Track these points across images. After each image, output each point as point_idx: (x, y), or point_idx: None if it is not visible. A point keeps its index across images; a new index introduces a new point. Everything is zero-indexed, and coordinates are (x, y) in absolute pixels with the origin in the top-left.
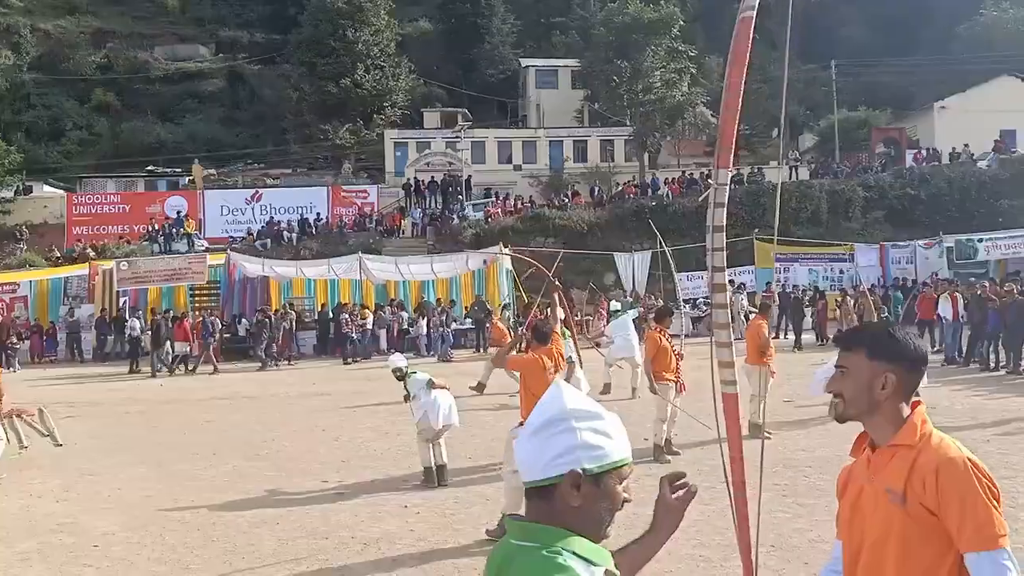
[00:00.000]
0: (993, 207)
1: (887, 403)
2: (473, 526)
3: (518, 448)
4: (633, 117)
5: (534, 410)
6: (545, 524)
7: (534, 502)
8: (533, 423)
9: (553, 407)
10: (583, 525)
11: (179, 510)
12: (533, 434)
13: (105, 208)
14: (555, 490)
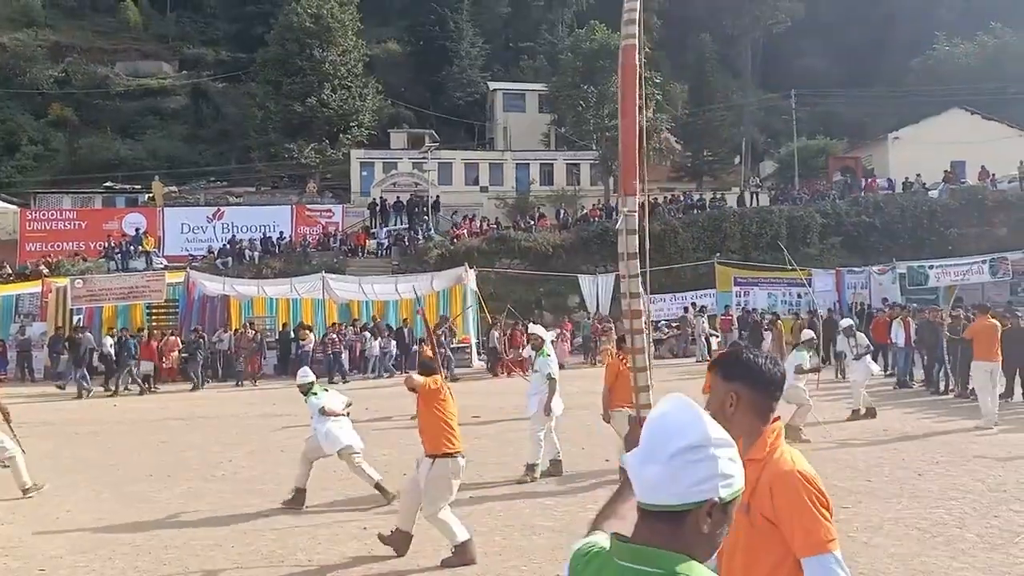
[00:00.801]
0: (943, 235)
1: (736, 419)
2: (434, 548)
3: (641, 469)
4: (599, 141)
5: (663, 432)
6: (663, 548)
7: (654, 524)
8: (669, 446)
9: (694, 433)
10: (701, 550)
11: (130, 533)
12: (671, 457)
13: (60, 224)
14: (687, 516)
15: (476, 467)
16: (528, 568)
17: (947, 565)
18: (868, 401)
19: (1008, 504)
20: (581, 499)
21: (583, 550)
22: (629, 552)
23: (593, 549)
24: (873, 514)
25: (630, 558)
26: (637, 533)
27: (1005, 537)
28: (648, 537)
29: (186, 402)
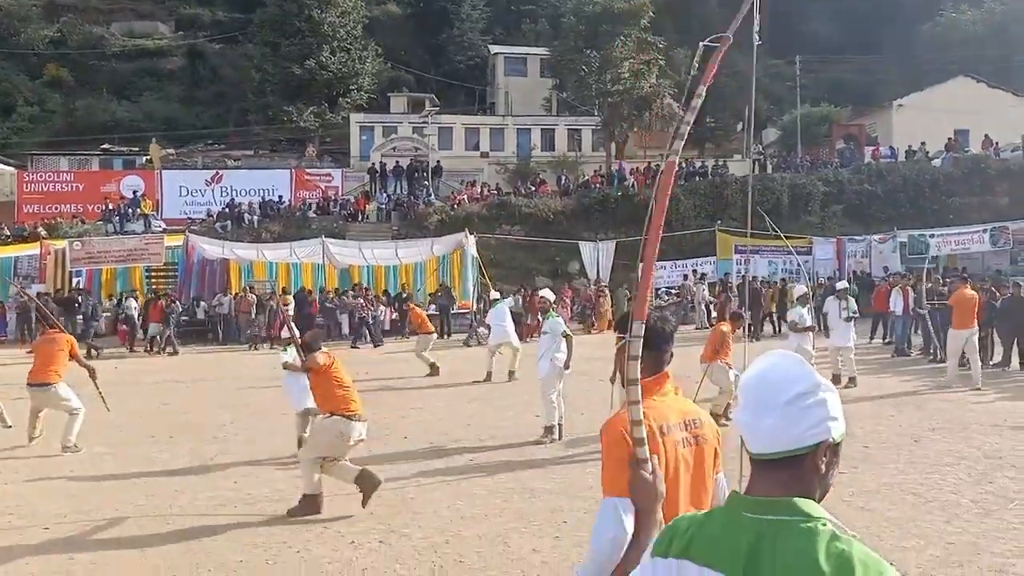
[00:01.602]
0: (945, 204)
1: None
2: (434, 510)
3: (756, 422)
4: (601, 107)
5: (773, 383)
6: (787, 495)
7: (774, 473)
8: (781, 395)
9: (804, 380)
10: (821, 491)
11: (134, 493)
12: (786, 405)
13: (58, 186)
14: (805, 460)
15: (476, 430)
16: (528, 530)
17: (941, 529)
18: (853, 371)
19: (1003, 471)
20: (580, 463)
21: (664, 535)
22: (756, 505)
23: (681, 524)
24: (870, 479)
25: (760, 510)
26: (756, 486)
27: (999, 503)
28: (770, 488)
29: (186, 365)
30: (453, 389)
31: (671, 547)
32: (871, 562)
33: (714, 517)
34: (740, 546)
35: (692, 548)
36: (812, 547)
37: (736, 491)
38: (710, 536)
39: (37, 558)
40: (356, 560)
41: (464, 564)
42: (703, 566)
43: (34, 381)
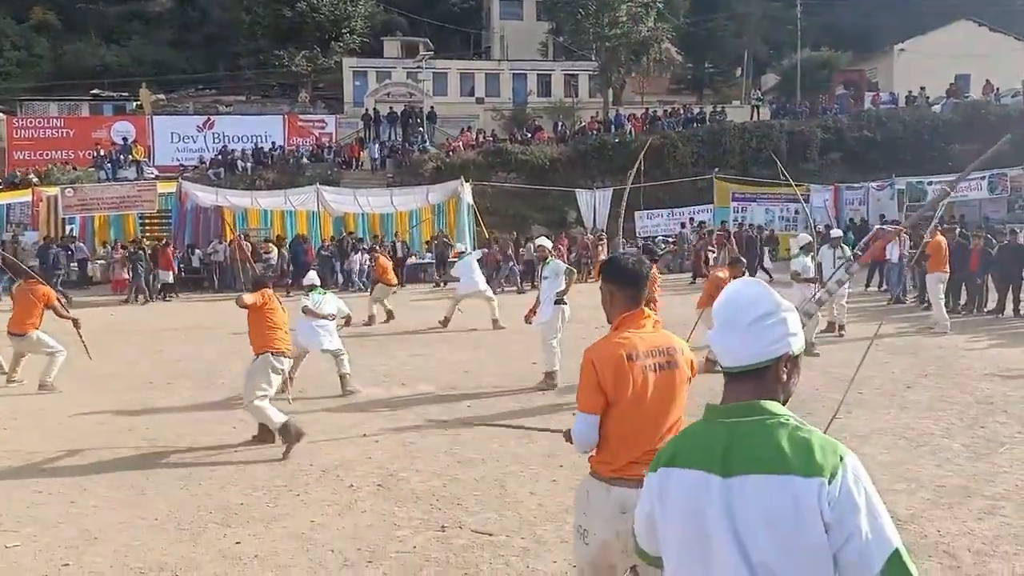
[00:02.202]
0: (944, 151)
1: (613, 309)
2: (432, 454)
3: (723, 339)
4: (598, 52)
5: (738, 305)
6: (756, 400)
7: (741, 384)
8: (746, 316)
9: (765, 303)
10: (782, 396)
11: (133, 437)
12: (749, 325)
13: (48, 132)
14: (768, 371)
15: (473, 378)
16: (525, 474)
17: (933, 473)
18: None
19: (994, 415)
20: (576, 409)
21: (661, 450)
22: (727, 411)
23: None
24: (862, 424)
25: (731, 415)
26: (728, 396)
27: (990, 447)
28: (739, 396)
29: (183, 313)
30: (452, 337)
31: (658, 461)
32: (828, 445)
33: (694, 428)
34: (716, 446)
35: (677, 457)
36: (777, 436)
37: (711, 403)
38: (691, 444)
39: (37, 502)
40: (355, 503)
41: (461, 507)
42: (685, 468)
43: (12, 330)
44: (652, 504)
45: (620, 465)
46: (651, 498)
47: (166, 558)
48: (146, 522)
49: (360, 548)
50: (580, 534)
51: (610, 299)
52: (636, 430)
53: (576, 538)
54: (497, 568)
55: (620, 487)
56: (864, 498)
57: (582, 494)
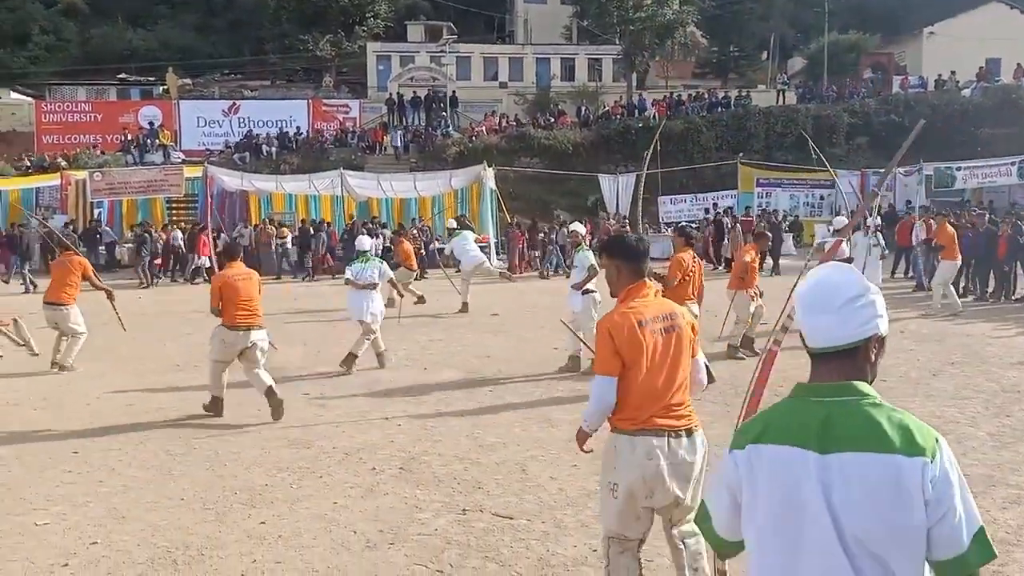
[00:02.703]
0: (974, 136)
1: (619, 283)
2: (454, 438)
3: (815, 320)
4: (622, 35)
5: (828, 289)
6: (846, 380)
7: (831, 364)
8: (836, 299)
9: (855, 286)
10: (870, 376)
11: (161, 419)
12: (840, 308)
13: (76, 116)
14: (858, 351)
15: (494, 362)
16: (546, 457)
17: (958, 462)
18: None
19: (1020, 404)
20: None
21: (739, 433)
22: (821, 390)
23: (753, 422)
24: None
25: (826, 393)
26: (817, 376)
27: (1016, 436)
28: (831, 375)
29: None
30: (474, 321)
31: (744, 438)
32: (925, 428)
33: (781, 407)
34: (812, 423)
35: (765, 434)
36: (876, 417)
37: (800, 382)
38: (781, 421)
39: (66, 481)
40: (377, 485)
41: (483, 490)
42: (778, 445)
43: (48, 300)
44: (739, 480)
45: (642, 419)
46: (736, 474)
47: (192, 537)
48: (172, 502)
49: (382, 530)
50: (610, 489)
51: (616, 274)
52: (652, 387)
53: (605, 496)
54: (517, 551)
55: (643, 436)
56: (957, 477)
57: (609, 451)
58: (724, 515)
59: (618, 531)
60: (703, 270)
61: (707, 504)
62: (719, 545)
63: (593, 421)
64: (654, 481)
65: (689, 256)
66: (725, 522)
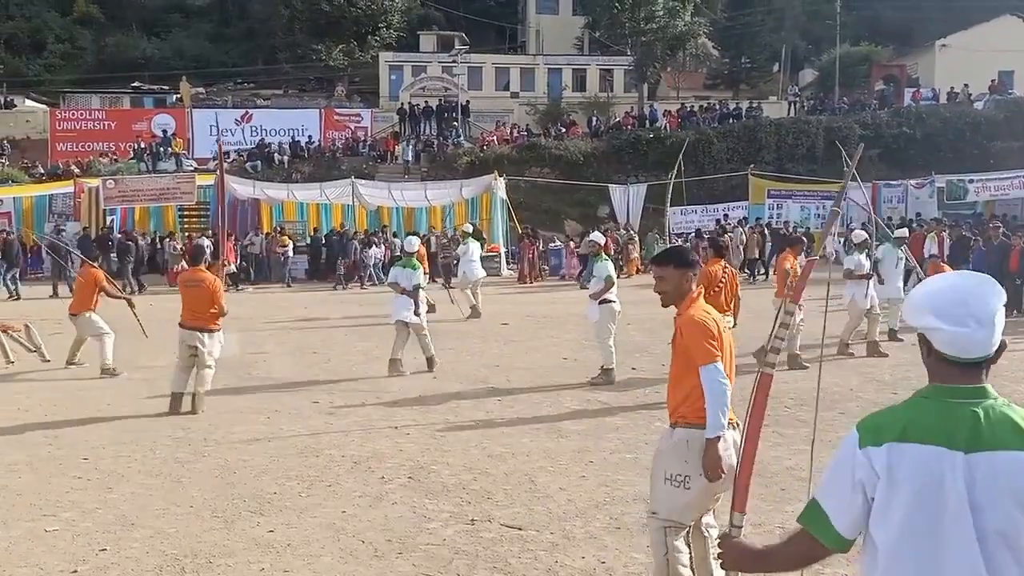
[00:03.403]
0: (986, 148)
1: (683, 289)
2: (463, 448)
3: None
4: (634, 46)
5: (983, 298)
6: (982, 385)
7: (974, 370)
8: (990, 309)
9: (1000, 295)
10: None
11: (170, 426)
12: (994, 317)
13: (90, 124)
14: (991, 358)
15: (504, 372)
16: (555, 469)
17: None
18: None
19: None
20: (606, 405)
21: (867, 430)
22: (965, 392)
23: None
24: None
25: (970, 395)
26: (953, 379)
27: None
28: (971, 380)
29: None
30: (484, 330)
31: (881, 436)
32: None
33: (918, 407)
34: (958, 424)
35: (908, 432)
36: (1014, 417)
37: (937, 385)
38: (924, 421)
39: (76, 488)
40: (386, 495)
41: (491, 500)
42: (922, 444)
43: (71, 311)
44: (874, 478)
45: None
46: (871, 472)
47: (200, 545)
48: (181, 509)
49: (390, 539)
50: (679, 482)
51: (681, 281)
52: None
53: (670, 488)
54: (526, 562)
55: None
56: None
57: (679, 445)
58: (850, 513)
59: (679, 519)
60: (737, 282)
61: (822, 503)
62: (838, 544)
63: (720, 415)
64: (731, 471)
65: (719, 267)
66: (849, 520)
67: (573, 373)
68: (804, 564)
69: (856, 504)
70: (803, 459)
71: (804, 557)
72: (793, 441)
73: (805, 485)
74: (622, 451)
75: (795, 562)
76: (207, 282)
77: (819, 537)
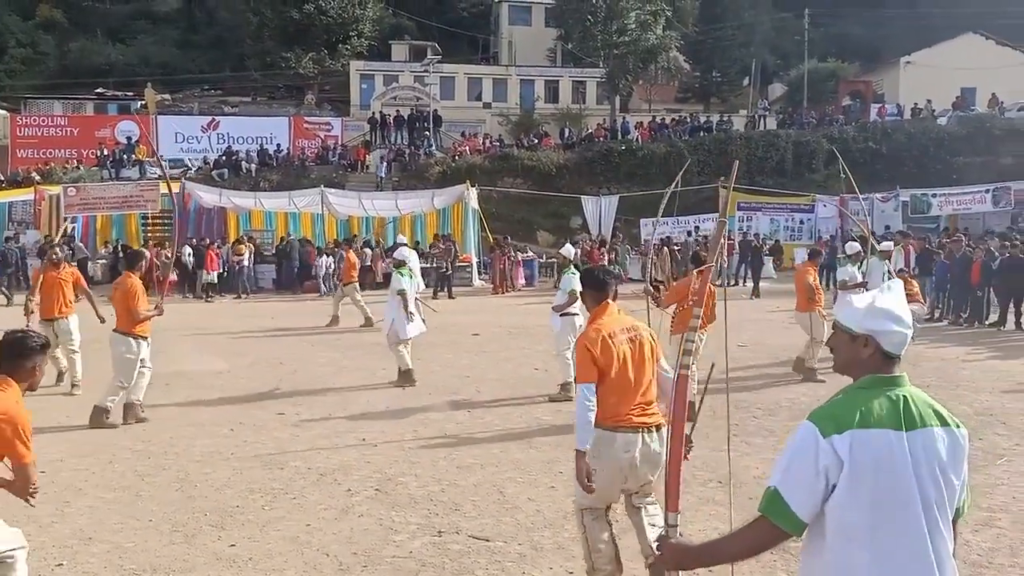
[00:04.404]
0: (948, 163)
1: (590, 305)
2: (431, 459)
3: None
4: (606, 59)
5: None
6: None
7: (896, 362)
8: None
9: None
10: None
11: (130, 439)
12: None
13: (52, 131)
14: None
15: (474, 383)
16: (524, 480)
17: None
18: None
19: (993, 428)
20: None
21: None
22: (894, 381)
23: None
24: None
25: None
26: (887, 370)
27: (988, 459)
28: (896, 371)
29: (180, 315)
30: (454, 341)
31: (841, 425)
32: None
33: (865, 397)
34: (896, 408)
35: (865, 420)
36: (927, 398)
37: (875, 376)
38: (875, 409)
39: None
40: (352, 507)
41: (460, 512)
42: (879, 428)
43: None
44: (838, 464)
45: (621, 416)
46: (836, 459)
47: (160, 559)
48: (140, 523)
49: (356, 552)
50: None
51: (587, 299)
52: (626, 389)
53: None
54: (493, 573)
55: (623, 432)
56: None
57: (592, 444)
58: (812, 499)
59: (591, 504)
60: (715, 295)
61: (783, 492)
62: (798, 528)
63: (584, 432)
64: (629, 470)
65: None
66: (810, 506)
67: (544, 384)
68: (760, 551)
69: (818, 491)
70: (770, 468)
71: (761, 544)
72: (761, 450)
73: None
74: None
75: (750, 550)
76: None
77: (781, 524)
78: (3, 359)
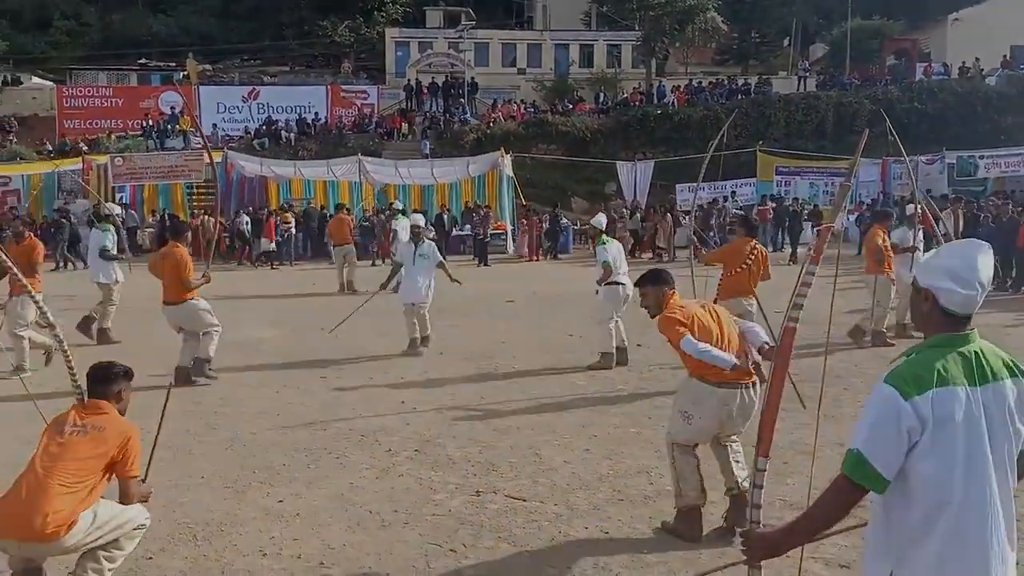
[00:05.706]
0: (997, 124)
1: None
2: (468, 422)
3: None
4: (642, 21)
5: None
6: (972, 330)
7: (967, 322)
8: (988, 277)
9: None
10: None
11: (180, 401)
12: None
13: (97, 101)
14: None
15: (510, 348)
16: (560, 443)
17: None
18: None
19: None
20: (611, 380)
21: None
22: (965, 339)
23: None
24: None
25: (970, 341)
26: (955, 329)
27: None
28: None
29: (226, 283)
30: (490, 307)
31: (922, 386)
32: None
33: (938, 356)
34: (968, 364)
35: (942, 379)
36: (999, 351)
37: (943, 335)
38: (949, 367)
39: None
40: (392, 467)
41: (496, 472)
42: (955, 386)
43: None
44: (920, 424)
45: (724, 375)
46: (916, 420)
47: (212, 514)
48: (193, 480)
49: (397, 510)
50: (684, 416)
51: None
52: (724, 347)
53: (678, 418)
54: (530, 532)
55: (725, 388)
56: None
57: (694, 387)
58: (894, 457)
59: (683, 442)
60: (767, 258)
61: (867, 455)
62: (881, 485)
63: (719, 357)
64: (726, 419)
65: (747, 245)
66: (893, 463)
67: (579, 350)
68: (845, 513)
69: (902, 451)
70: (805, 433)
71: (848, 505)
72: (796, 415)
73: (808, 459)
74: (626, 425)
75: (838, 513)
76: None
77: (869, 485)
78: (93, 387)
